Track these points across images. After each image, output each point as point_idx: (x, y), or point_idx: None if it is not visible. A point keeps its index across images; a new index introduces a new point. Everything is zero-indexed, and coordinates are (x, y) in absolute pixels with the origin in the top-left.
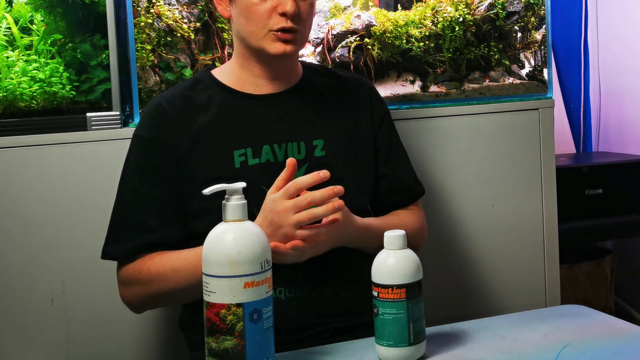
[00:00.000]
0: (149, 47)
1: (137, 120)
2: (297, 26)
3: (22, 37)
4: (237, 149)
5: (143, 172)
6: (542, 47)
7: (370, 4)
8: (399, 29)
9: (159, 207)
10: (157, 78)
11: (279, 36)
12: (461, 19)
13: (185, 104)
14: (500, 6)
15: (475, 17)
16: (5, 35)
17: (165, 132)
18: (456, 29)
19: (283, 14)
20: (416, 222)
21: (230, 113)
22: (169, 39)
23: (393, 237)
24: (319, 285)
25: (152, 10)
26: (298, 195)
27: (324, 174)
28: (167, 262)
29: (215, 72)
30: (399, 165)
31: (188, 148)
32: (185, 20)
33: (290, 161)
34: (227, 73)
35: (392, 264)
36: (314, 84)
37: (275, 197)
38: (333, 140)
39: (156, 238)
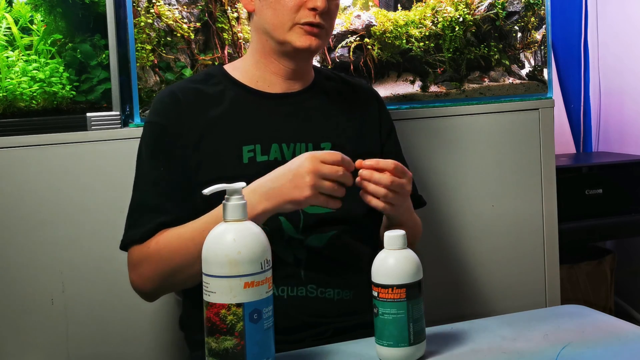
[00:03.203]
0: (149, 47)
1: (137, 120)
2: (324, 22)
3: (22, 37)
4: (246, 144)
5: (156, 157)
6: (542, 47)
7: (370, 4)
8: (399, 29)
9: (174, 191)
10: (157, 78)
11: (305, 29)
12: (461, 19)
13: (197, 97)
14: (500, 6)
15: (475, 17)
16: (5, 35)
17: (177, 120)
18: (456, 29)
19: (313, 9)
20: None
21: (241, 109)
22: (169, 39)
23: (393, 237)
24: (321, 285)
25: (152, 10)
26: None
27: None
28: (174, 233)
29: (228, 68)
30: None
31: (197, 140)
32: (185, 20)
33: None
34: (241, 69)
35: (392, 264)
36: (324, 87)
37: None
38: (340, 144)
39: (174, 219)
